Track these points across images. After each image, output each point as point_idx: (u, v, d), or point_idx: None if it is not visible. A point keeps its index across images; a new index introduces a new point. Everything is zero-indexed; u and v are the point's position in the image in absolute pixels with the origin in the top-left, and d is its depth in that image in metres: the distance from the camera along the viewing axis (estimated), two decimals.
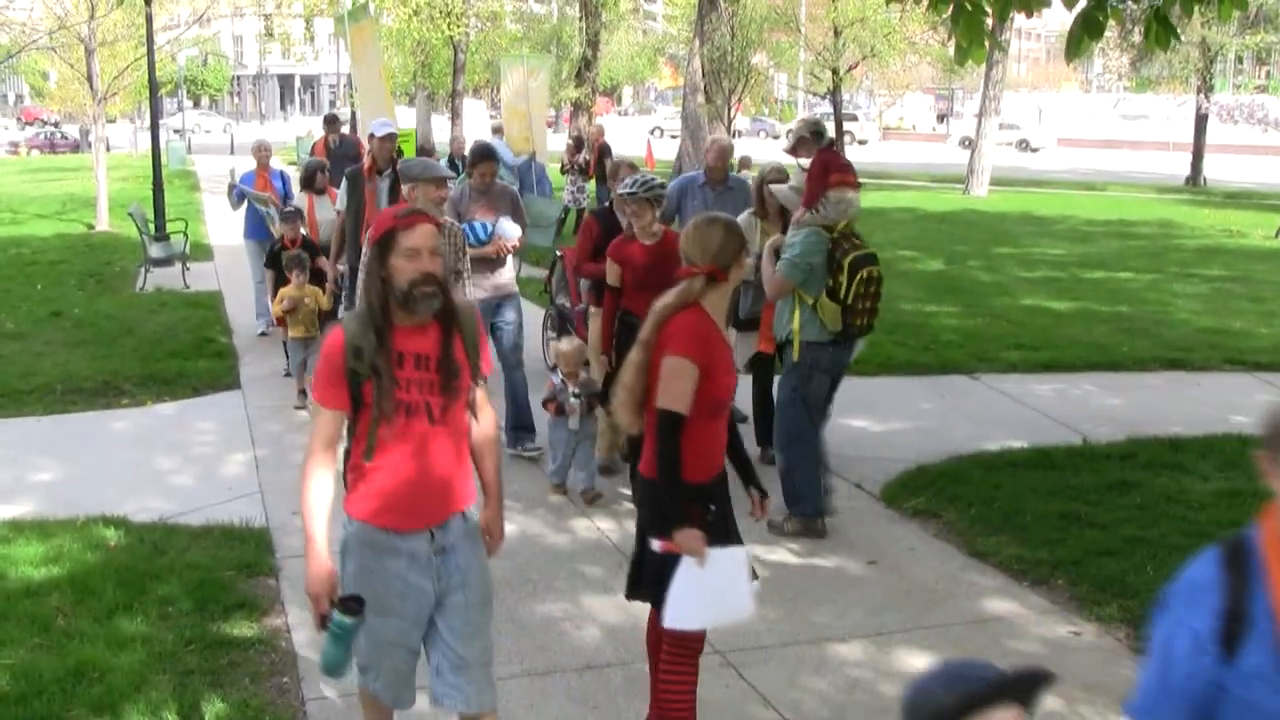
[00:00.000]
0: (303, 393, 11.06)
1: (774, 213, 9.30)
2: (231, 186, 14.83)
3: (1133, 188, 42.96)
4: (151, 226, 20.38)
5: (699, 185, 10.61)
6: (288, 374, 12.10)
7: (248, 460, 9.72)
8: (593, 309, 9.31)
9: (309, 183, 13.96)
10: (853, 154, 48.77)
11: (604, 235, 9.07)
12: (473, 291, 8.87)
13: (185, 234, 19.38)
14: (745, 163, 24.66)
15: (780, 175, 9.37)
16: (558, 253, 12.44)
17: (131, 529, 7.97)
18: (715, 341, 5.03)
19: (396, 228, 4.35)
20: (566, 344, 9.06)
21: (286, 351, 12.11)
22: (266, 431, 10.45)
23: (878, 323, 8.33)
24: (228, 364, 12.81)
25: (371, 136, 11.41)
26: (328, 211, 13.09)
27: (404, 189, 7.61)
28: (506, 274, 9.68)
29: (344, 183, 11.25)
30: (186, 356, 12.92)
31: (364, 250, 10.25)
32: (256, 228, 14.64)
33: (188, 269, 18.34)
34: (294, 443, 10.18)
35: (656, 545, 4.91)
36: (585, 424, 8.85)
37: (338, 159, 16.02)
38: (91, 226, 25.45)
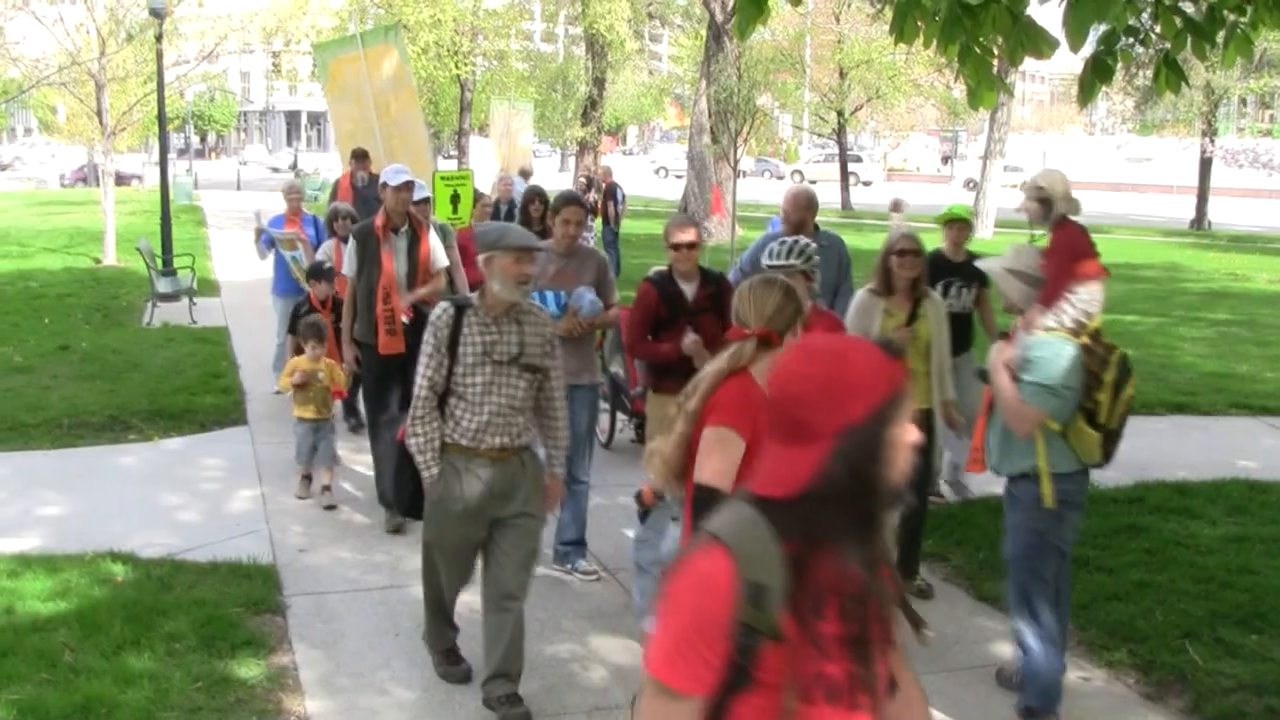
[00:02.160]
0: (307, 478, 9.76)
1: (902, 291, 7.70)
2: (259, 232, 13.22)
3: (1138, 230, 43.04)
4: (159, 261, 20.42)
5: None
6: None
7: (254, 496, 9.71)
8: (652, 394, 7.73)
9: (331, 228, 12.26)
10: (857, 195, 48.97)
11: (663, 305, 7.62)
12: None
13: (192, 269, 19.46)
14: (897, 205, 24.31)
15: (910, 244, 7.68)
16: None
17: (139, 564, 7.96)
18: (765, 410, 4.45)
19: (900, 388, 2.57)
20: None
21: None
22: (273, 468, 10.42)
23: None
24: (234, 400, 12.81)
25: (384, 186, 9.24)
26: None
27: (479, 259, 5.93)
28: (581, 358, 7.99)
29: (351, 241, 9.41)
30: (193, 392, 12.93)
31: (390, 325, 8.93)
32: (286, 280, 12.99)
33: (194, 304, 18.37)
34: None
35: None
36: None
37: (364, 201, 13.82)
38: (99, 260, 25.50)
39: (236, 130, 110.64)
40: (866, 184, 68.11)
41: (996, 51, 6.08)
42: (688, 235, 7.63)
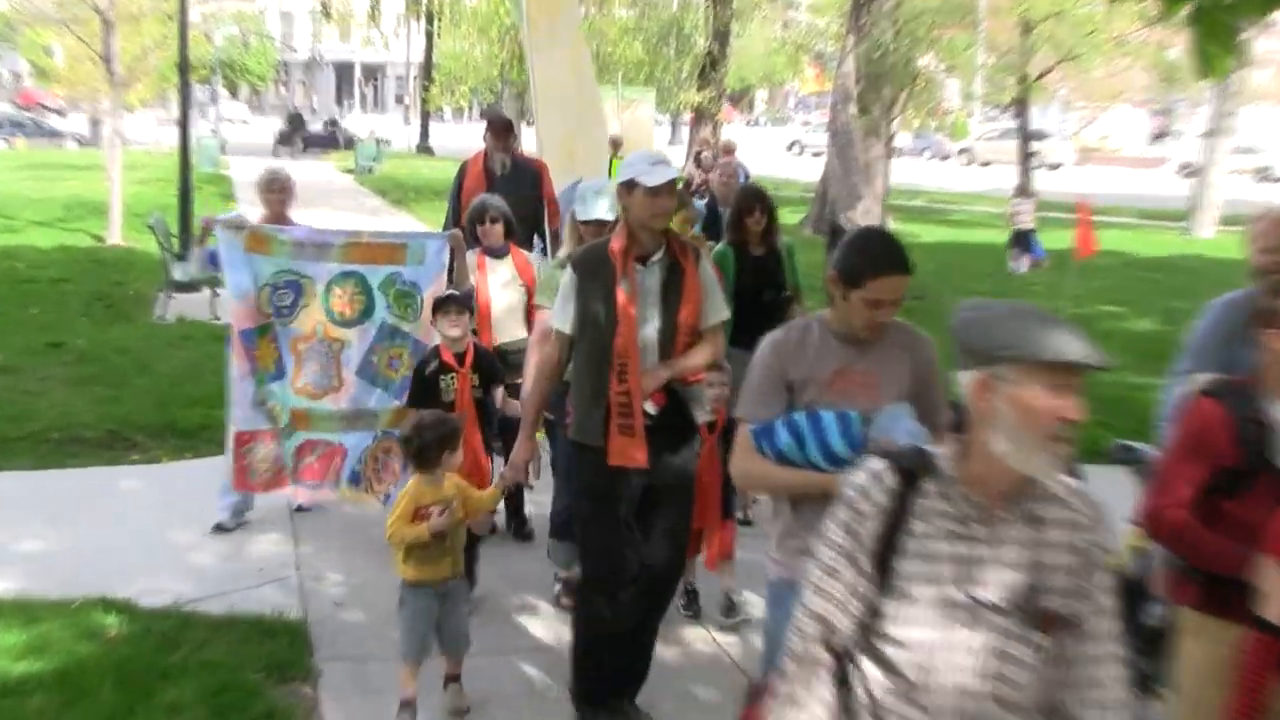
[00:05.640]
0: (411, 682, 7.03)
1: None
2: (205, 233, 10.52)
3: None
4: (175, 242, 20.56)
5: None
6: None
7: (284, 536, 9.73)
8: (1195, 614, 5.19)
9: (475, 230, 9.77)
10: (1042, 179, 48.44)
11: (1239, 446, 4.99)
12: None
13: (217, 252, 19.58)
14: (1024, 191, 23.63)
15: None
16: None
17: (137, 616, 7.98)
18: None
19: None
20: None
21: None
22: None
23: None
24: None
25: (632, 186, 6.59)
26: (507, 294, 9.68)
27: (969, 380, 3.54)
28: None
29: (567, 275, 6.91)
30: (213, 404, 12.91)
31: (625, 419, 6.65)
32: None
33: (218, 295, 18.48)
34: (341, 518, 10.16)
35: None
36: None
37: (511, 199, 10.39)
38: (101, 239, 25.89)
39: (275, 83, 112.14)
40: (1054, 167, 67.17)
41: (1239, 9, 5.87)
42: None
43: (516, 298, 9.64)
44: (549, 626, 8.27)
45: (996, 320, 3.49)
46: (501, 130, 12.01)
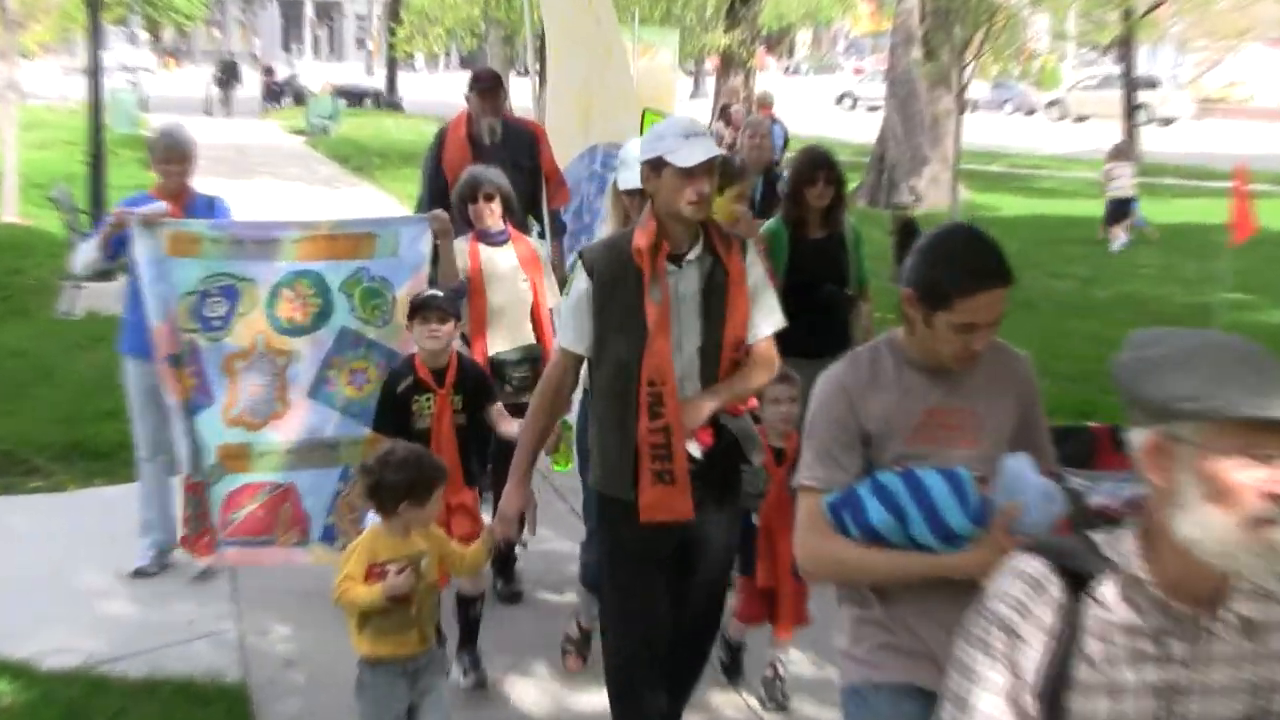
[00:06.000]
0: None
1: None
2: (114, 230, 9.29)
3: None
4: (85, 220, 20.56)
5: None
6: None
7: (220, 582, 9.68)
8: None
9: (466, 211, 9.57)
10: (1152, 138, 48.29)
11: None
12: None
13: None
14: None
15: None
16: None
17: (36, 680, 7.97)
18: None
19: None
20: None
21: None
22: None
23: None
24: None
25: (659, 165, 6.30)
26: (508, 290, 9.55)
27: (1140, 441, 3.21)
28: None
29: (577, 283, 6.58)
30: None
31: (662, 461, 6.38)
32: (141, 332, 9.26)
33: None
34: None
35: None
36: None
37: (505, 168, 10.22)
38: None
39: (207, 24, 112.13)
40: (1166, 122, 67.07)
41: None
42: None
43: (519, 295, 9.45)
44: (544, 693, 8.22)
45: (1174, 360, 3.12)
46: (490, 89, 11.52)
